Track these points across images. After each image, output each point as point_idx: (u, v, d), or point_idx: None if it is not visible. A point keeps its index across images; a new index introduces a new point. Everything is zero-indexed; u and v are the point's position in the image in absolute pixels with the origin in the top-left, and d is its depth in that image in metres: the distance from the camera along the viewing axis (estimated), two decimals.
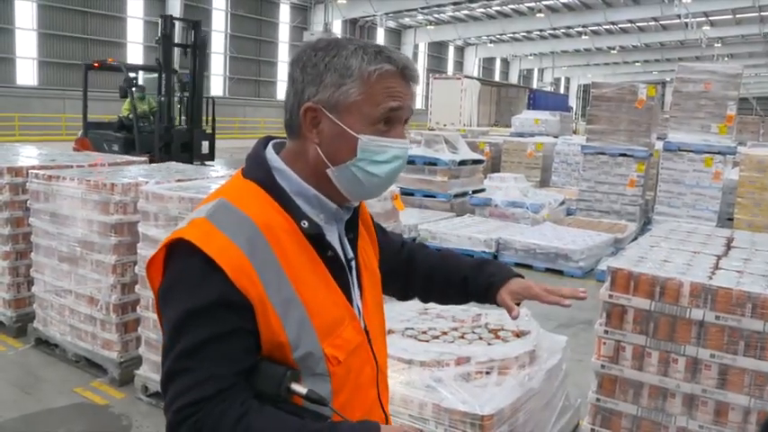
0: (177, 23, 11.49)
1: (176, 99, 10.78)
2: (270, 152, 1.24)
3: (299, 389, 1.11)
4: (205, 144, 10.92)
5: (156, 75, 10.70)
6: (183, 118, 10.87)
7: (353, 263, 1.28)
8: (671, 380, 2.58)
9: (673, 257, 2.85)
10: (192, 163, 9.15)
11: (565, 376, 3.53)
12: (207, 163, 10.47)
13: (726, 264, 2.79)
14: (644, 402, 2.66)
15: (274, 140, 1.28)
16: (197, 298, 1.08)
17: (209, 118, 11.12)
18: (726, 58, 43.16)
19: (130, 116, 10.39)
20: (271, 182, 1.19)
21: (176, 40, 11.11)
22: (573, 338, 4.15)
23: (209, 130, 11.11)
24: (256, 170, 1.21)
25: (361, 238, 1.33)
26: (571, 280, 7.31)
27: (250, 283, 1.08)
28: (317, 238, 1.18)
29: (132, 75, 10.88)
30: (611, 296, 2.65)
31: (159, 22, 10.74)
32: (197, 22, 11.05)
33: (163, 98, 10.48)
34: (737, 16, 38.53)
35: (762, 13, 36.97)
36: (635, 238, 7.88)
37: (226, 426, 1.05)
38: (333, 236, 1.24)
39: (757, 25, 38.16)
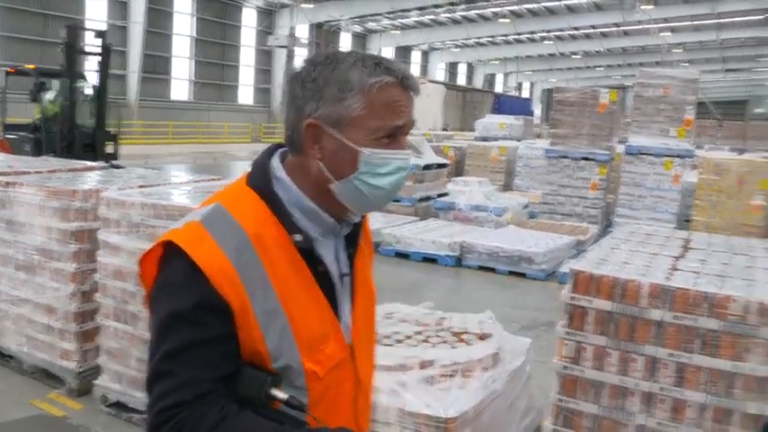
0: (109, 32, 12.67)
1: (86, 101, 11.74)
2: (275, 161, 1.23)
3: (280, 394, 1.11)
4: (110, 144, 11.83)
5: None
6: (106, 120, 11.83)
7: (348, 278, 1.27)
8: (630, 379, 2.62)
9: (633, 259, 2.90)
10: (96, 161, 9.57)
11: (528, 378, 3.56)
12: (115, 163, 10.90)
13: (683, 265, 2.85)
14: (604, 402, 2.69)
15: (282, 149, 1.26)
16: (181, 301, 1.09)
17: (119, 121, 12.25)
18: (686, 64, 44.09)
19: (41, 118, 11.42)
20: (269, 191, 1.19)
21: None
22: (536, 340, 4.19)
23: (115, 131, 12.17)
24: (258, 178, 1.21)
25: (360, 253, 1.32)
26: (534, 282, 7.39)
27: (233, 289, 1.09)
28: (308, 252, 1.18)
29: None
30: (573, 298, 2.68)
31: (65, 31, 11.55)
32: (103, 32, 12.05)
33: (65, 101, 11.21)
34: (696, 23, 39.44)
35: (719, 20, 37.92)
36: (596, 241, 8.01)
37: (203, 430, 1.06)
38: (327, 250, 1.23)
39: (715, 32, 39.12)
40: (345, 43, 38.88)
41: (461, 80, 51.28)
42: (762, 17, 38.09)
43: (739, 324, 2.42)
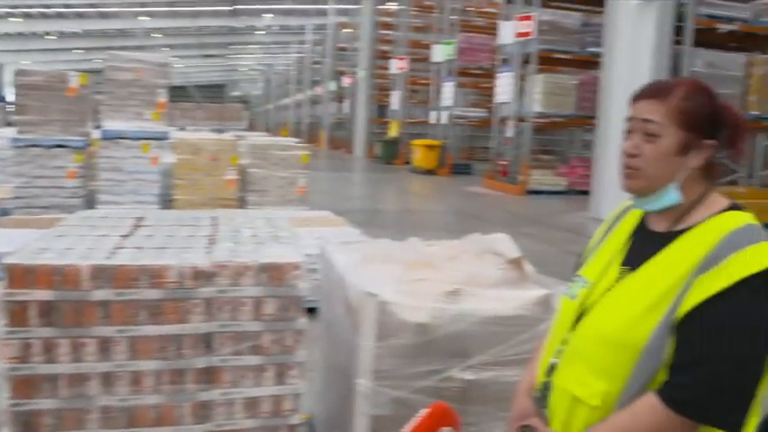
0: None
1: None
2: None
3: None
4: None
5: None
6: None
7: None
8: (85, 364, 2.60)
9: (77, 244, 2.86)
10: None
11: None
12: None
13: (129, 242, 2.94)
14: (63, 393, 2.62)
15: None
16: None
17: None
18: (167, 49, 45.55)
19: None
20: None
21: None
22: None
23: None
24: None
25: None
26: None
27: None
28: None
29: None
30: (10, 294, 2.51)
31: None
32: None
33: None
34: (173, 9, 41.02)
35: (194, 8, 40.20)
36: None
37: None
38: None
39: (191, 19, 41.39)
40: None
41: None
42: (230, 8, 41.85)
43: (178, 290, 2.62)
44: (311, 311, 3.65)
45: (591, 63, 18.16)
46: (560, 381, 1.73)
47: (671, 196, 1.63)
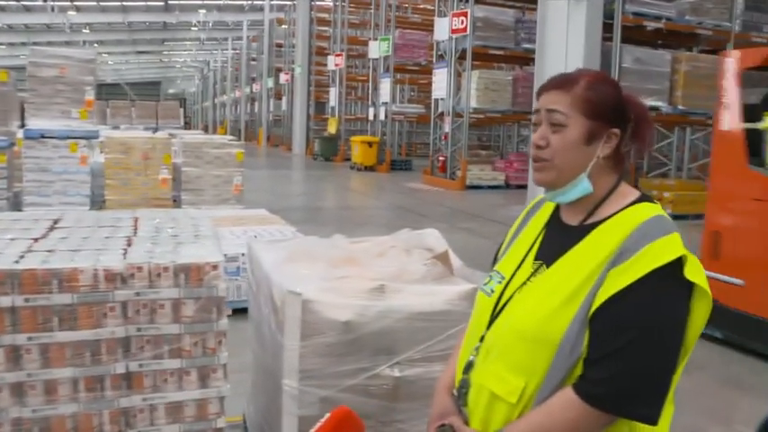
0: None
1: None
2: None
3: None
4: None
5: None
6: None
7: None
8: None
9: None
10: None
11: None
12: None
13: (41, 245, 2.80)
14: None
15: None
16: None
17: None
18: (95, 45, 44.17)
19: None
20: None
21: None
22: None
23: None
24: None
25: None
26: None
27: None
28: None
29: None
30: None
31: None
32: None
33: None
34: (102, 4, 39.79)
35: (124, 3, 39.09)
36: None
37: None
38: None
39: (122, 14, 40.21)
40: None
41: None
42: (162, 3, 40.88)
43: (92, 293, 2.52)
44: (245, 311, 3.58)
45: (525, 59, 18.49)
46: (478, 378, 1.71)
47: (582, 186, 1.64)
